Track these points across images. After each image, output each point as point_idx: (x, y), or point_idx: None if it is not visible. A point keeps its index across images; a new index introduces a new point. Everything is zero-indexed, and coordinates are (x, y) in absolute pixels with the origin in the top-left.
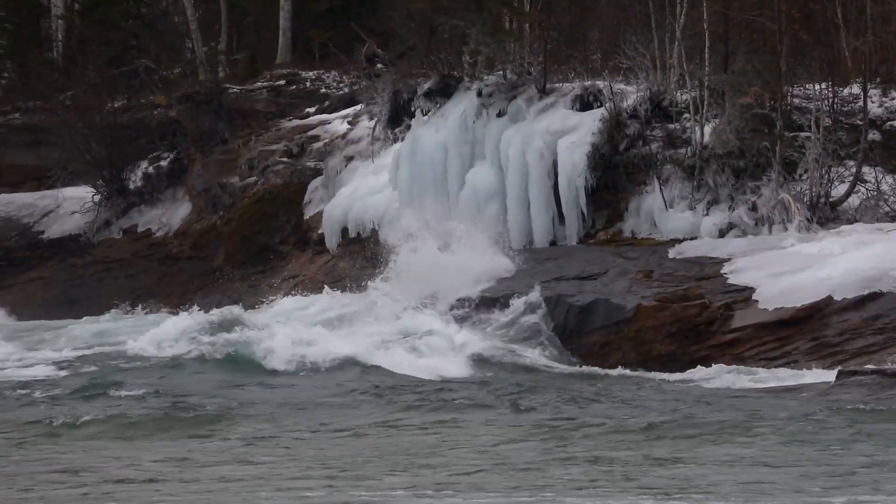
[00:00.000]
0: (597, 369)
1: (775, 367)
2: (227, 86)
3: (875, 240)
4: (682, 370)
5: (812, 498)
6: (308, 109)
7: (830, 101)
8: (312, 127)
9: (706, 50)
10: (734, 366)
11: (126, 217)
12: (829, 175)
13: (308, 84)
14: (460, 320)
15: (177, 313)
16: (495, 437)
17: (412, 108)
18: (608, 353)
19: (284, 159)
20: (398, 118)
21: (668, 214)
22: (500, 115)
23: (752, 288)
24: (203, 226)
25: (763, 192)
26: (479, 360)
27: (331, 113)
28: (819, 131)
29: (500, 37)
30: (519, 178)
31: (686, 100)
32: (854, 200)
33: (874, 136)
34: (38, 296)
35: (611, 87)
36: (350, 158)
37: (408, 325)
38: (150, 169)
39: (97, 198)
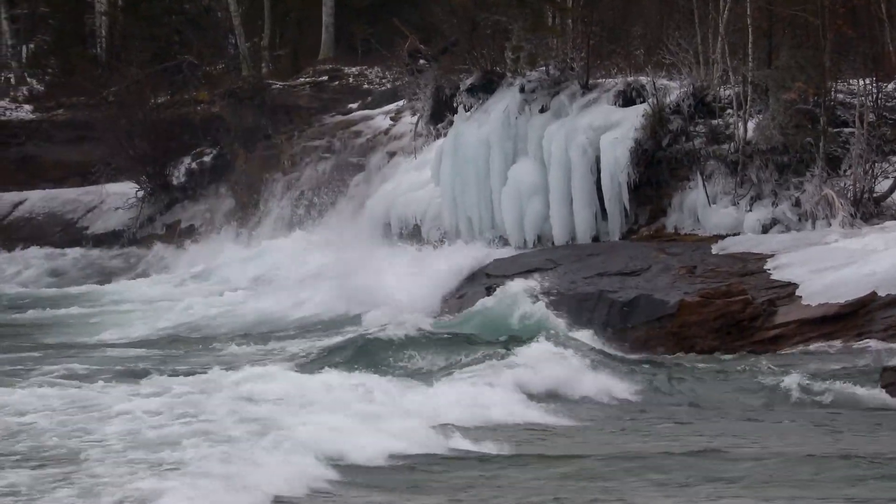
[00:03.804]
0: None
1: None
2: (270, 81)
3: None
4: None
5: None
6: (351, 105)
7: (874, 96)
8: (355, 123)
9: (749, 45)
10: None
11: (169, 213)
12: (872, 171)
13: (351, 80)
14: None
15: None
16: None
17: (454, 104)
18: (651, 349)
19: (327, 155)
20: (440, 114)
21: (711, 210)
22: (542, 110)
23: (795, 284)
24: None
25: (806, 188)
26: None
27: (373, 109)
28: (863, 127)
29: (543, 33)
30: (562, 174)
31: (729, 95)
32: None
33: None
34: None
35: (654, 83)
36: (392, 154)
37: None
38: (193, 165)
39: (140, 194)
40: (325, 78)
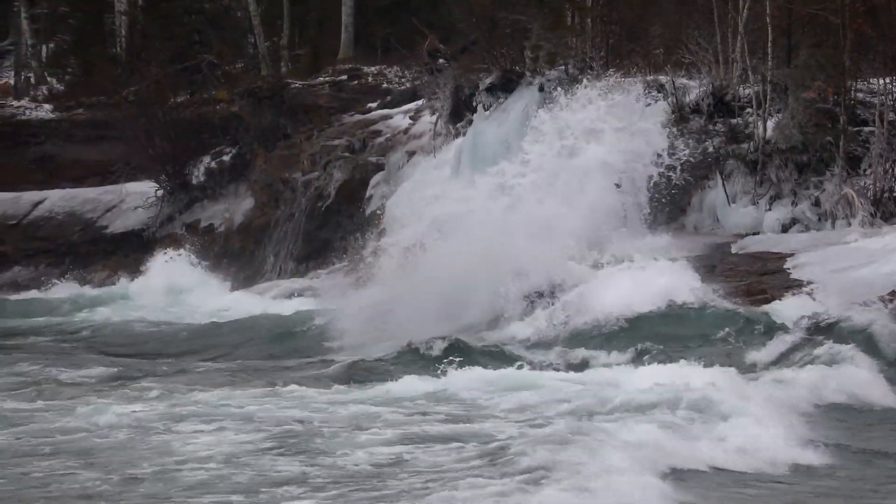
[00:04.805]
0: None
1: None
2: (290, 81)
3: None
4: None
5: None
6: (370, 104)
7: (895, 95)
8: (374, 122)
9: (769, 44)
10: None
11: (188, 212)
12: (893, 170)
13: (370, 79)
14: None
15: None
16: None
17: (474, 103)
18: None
19: (346, 154)
20: (460, 113)
21: (730, 209)
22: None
23: (814, 283)
24: (265, 220)
25: (826, 188)
26: None
27: (393, 108)
28: (883, 126)
29: (562, 32)
30: None
31: (749, 94)
32: None
33: None
34: None
35: (673, 82)
36: (412, 153)
37: None
38: (213, 164)
39: (160, 193)
40: (345, 77)
